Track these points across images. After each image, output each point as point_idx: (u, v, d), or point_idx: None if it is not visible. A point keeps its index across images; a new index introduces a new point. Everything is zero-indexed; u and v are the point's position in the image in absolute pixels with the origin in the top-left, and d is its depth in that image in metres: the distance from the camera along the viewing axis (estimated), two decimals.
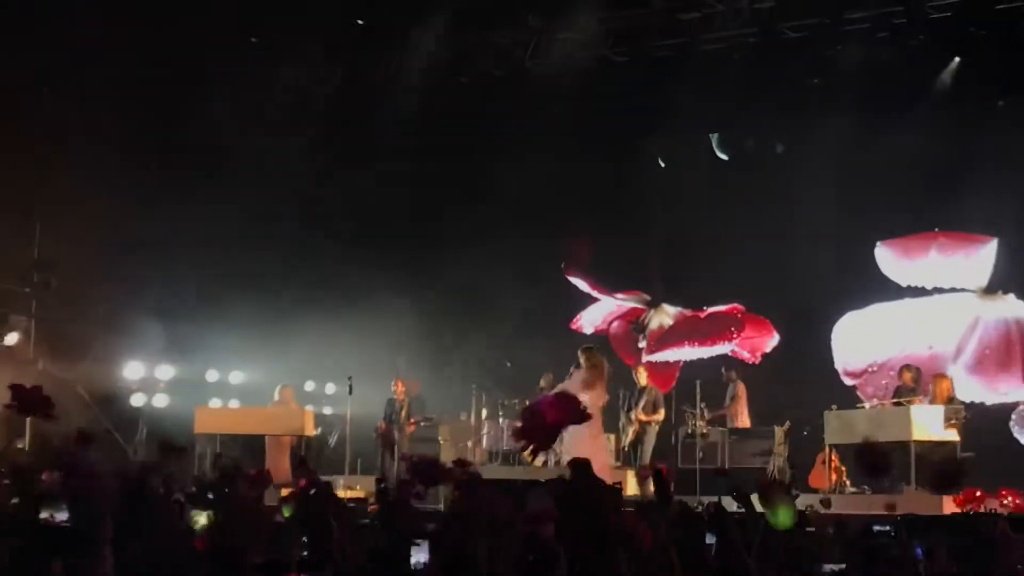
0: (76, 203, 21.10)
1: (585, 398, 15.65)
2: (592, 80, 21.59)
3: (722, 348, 18.95)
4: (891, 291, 18.27)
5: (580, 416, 5.16)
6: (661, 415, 19.12)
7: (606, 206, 22.28)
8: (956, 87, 19.96)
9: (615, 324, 20.43)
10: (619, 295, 20.29)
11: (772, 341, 19.47)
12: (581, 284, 20.05)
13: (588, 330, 20.49)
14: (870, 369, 18.51)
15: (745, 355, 19.67)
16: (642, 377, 19.20)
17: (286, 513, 6.14)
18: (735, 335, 18.83)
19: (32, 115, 20.96)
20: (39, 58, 20.57)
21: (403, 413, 19.92)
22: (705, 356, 19.05)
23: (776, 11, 20.38)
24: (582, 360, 17.82)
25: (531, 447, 5.10)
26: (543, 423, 5.05)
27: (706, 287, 20.16)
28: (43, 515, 4.26)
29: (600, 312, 20.55)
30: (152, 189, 21.89)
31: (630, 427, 19.03)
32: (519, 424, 5.36)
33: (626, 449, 19.05)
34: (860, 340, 18.64)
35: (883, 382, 18.31)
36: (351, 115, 23.13)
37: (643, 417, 18.91)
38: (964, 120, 19.67)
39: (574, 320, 20.52)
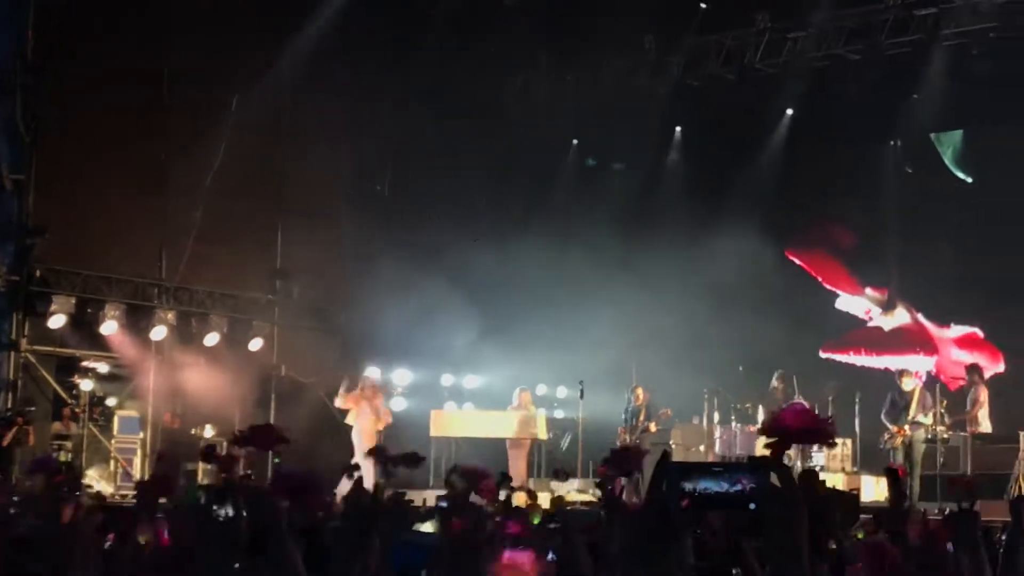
0: (315, 216, 21.82)
1: None
2: (824, 79, 21.22)
3: (899, 362, 18.93)
4: None
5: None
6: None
7: (842, 203, 21.81)
8: None
9: None
10: (869, 290, 20.33)
11: (991, 371, 19.38)
12: (801, 265, 20.37)
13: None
14: None
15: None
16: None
17: None
18: (919, 352, 19.14)
19: (274, 133, 21.74)
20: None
21: (641, 416, 19.85)
22: (878, 366, 19.33)
23: (1015, 3, 19.62)
24: None
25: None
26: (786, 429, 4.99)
27: (947, 300, 19.79)
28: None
29: (856, 305, 20.77)
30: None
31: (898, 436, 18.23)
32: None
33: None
34: None
35: None
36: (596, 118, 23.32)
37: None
38: None
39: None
